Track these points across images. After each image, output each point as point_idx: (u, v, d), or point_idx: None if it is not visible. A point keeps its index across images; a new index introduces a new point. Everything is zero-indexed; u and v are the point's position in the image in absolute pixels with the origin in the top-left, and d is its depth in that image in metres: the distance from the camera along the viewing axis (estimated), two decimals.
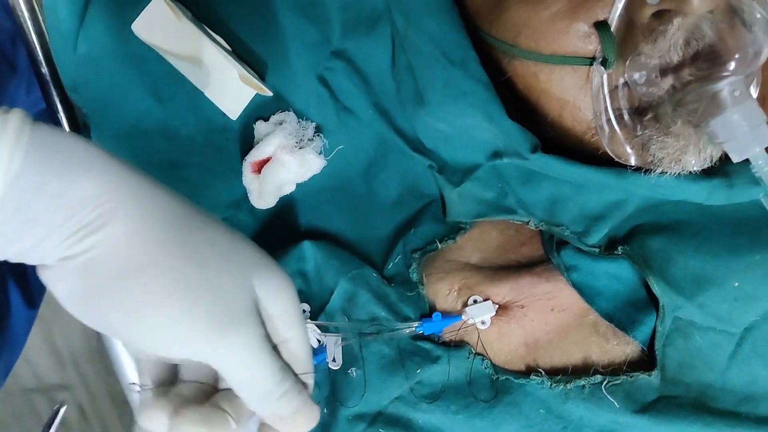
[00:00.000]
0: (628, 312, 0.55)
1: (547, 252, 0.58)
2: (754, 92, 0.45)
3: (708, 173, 0.47)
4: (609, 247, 0.55)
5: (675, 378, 0.53)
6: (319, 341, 0.57)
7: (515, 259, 0.60)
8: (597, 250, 0.55)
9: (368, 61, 0.58)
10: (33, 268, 0.98)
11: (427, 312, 0.58)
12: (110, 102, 0.58)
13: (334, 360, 0.56)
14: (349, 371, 0.57)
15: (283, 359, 0.39)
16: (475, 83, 0.49)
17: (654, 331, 0.54)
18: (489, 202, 0.57)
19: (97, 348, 1.72)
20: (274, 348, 0.39)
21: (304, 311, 0.60)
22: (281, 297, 0.38)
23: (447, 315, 0.58)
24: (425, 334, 0.57)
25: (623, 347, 0.55)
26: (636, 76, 0.43)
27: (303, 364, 0.40)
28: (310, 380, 0.41)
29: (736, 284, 0.50)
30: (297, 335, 0.40)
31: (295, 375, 0.40)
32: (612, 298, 0.55)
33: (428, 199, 0.64)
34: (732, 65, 0.40)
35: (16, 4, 0.65)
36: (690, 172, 0.47)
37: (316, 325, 0.57)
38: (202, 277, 0.35)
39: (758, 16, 0.41)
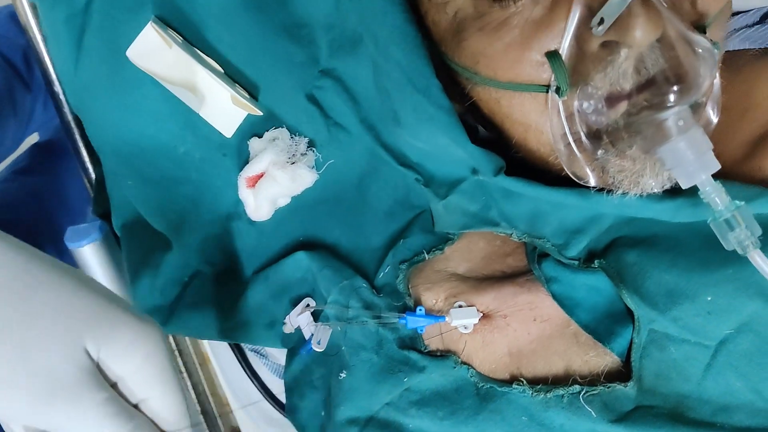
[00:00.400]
0: (606, 323, 0.56)
1: (529, 263, 0.60)
2: (713, 116, 0.46)
3: (674, 192, 0.48)
4: (588, 260, 0.56)
5: (652, 388, 0.54)
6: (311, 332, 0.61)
7: (500, 270, 0.62)
8: (576, 262, 0.56)
9: (355, 79, 0.60)
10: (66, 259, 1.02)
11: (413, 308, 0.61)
12: (109, 123, 0.61)
13: (319, 343, 0.59)
14: (341, 375, 0.60)
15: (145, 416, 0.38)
16: (438, 109, 0.51)
17: (631, 342, 0.55)
18: (474, 215, 0.59)
19: None
20: (137, 406, 0.38)
21: (308, 305, 0.63)
22: (129, 357, 0.36)
23: (430, 314, 0.60)
24: (408, 327, 0.59)
25: (602, 358, 0.56)
26: (584, 105, 0.45)
27: (169, 422, 0.39)
28: None
29: (709, 298, 0.50)
30: (159, 393, 0.38)
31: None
32: (591, 310, 0.57)
33: (418, 210, 0.66)
34: (672, 97, 0.41)
35: (28, 26, 0.68)
36: (655, 192, 0.48)
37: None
38: (21, 347, 0.33)
39: (699, 50, 0.41)
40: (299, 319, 0.63)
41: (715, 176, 0.55)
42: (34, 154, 1.14)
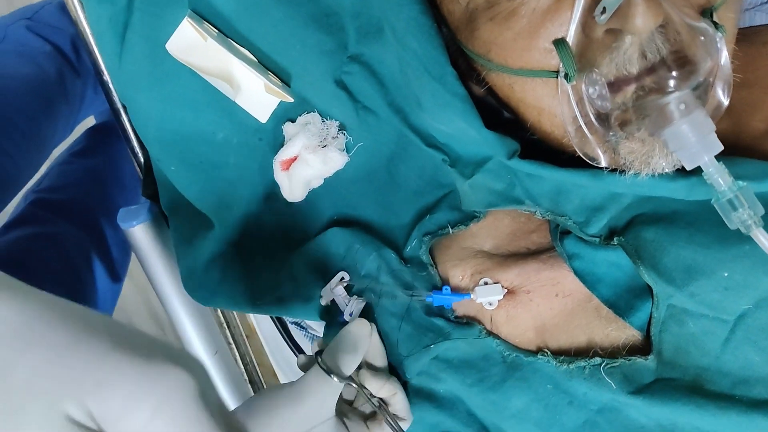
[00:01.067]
0: (626, 298, 0.57)
1: (552, 240, 0.62)
2: (724, 97, 0.47)
3: (689, 170, 0.49)
4: (608, 237, 0.57)
5: (672, 362, 0.55)
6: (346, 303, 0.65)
7: (525, 246, 0.64)
8: (597, 239, 0.58)
9: (382, 64, 0.62)
10: (116, 243, 1.10)
11: (440, 287, 0.64)
12: (151, 113, 0.65)
13: (351, 315, 0.63)
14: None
15: None
16: (453, 97, 0.53)
17: (651, 317, 0.56)
18: (499, 193, 0.61)
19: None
20: None
21: (342, 278, 0.66)
22: (132, 412, 0.29)
23: (457, 291, 0.63)
24: (435, 305, 0.62)
25: (623, 331, 0.57)
26: (592, 89, 0.46)
27: None
28: None
29: (726, 274, 0.51)
30: None
31: None
32: (612, 285, 0.58)
33: (447, 189, 0.68)
34: (672, 82, 0.42)
35: (78, 20, 0.73)
36: (666, 172, 0.49)
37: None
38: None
39: (699, 35, 0.42)
40: (334, 292, 0.66)
41: (736, 151, 0.56)
42: (90, 136, 1.20)
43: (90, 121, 1.26)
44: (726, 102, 0.47)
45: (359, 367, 0.60)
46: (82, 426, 0.28)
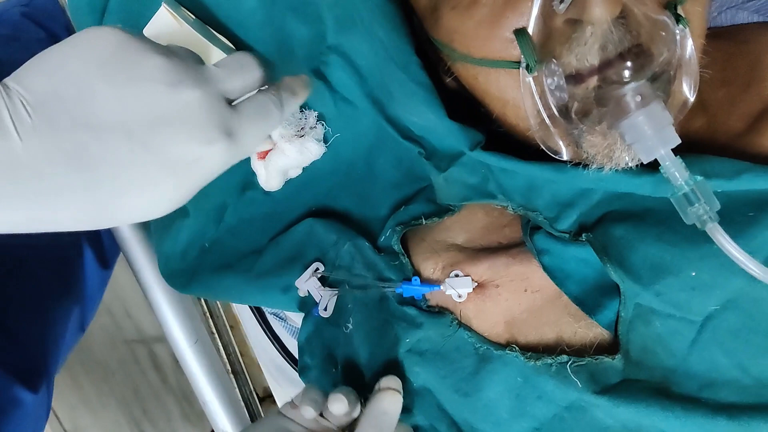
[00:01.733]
0: (594, 296, 0.57)
1: (523, 235, 0.61)
2: (690, 92, 0.46)
3: (655, 166, 0.49)
4: (578, 233, 0.57)
5: (639, 362, 0.54)
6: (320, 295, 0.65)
7: (497, 240, 0.63)
8: (567, 235, 0.57)
9: (360, 54, 0.62)
10: (107, 230, 1.09)
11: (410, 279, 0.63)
12: None
13: (325, 309, 0.63)
14: (347, 326, 0.64)
15: None
16: (417, 86, 0.52)
17: (618, 315, 0.55)
18: (473, 187, 0.60)
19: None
20: None
21: (316, 269, 0.66)
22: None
23: (426, 282, 0.63)
24: (405, 295, 0.62)
25: (592, 329, 0.57)
26: (551, 81, 0.45)
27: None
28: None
29: (693, 273, 0.50)
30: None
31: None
32: (581, 282, 0.57)
33: (425, 182, 0.68)
34: (626, 72, 0.42)
35: (65, 4, 0.73)
36: (630, 166, 0.48)
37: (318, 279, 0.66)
38: None
39: (658, 28, 0.41)
40: (308, 284, 0.66)
41: (712, 149, 0.55)
42: None
43: None
44: (692, 98, 0.47)
45: None
46: None
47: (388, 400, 0.55)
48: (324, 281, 0.67)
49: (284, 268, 0.69)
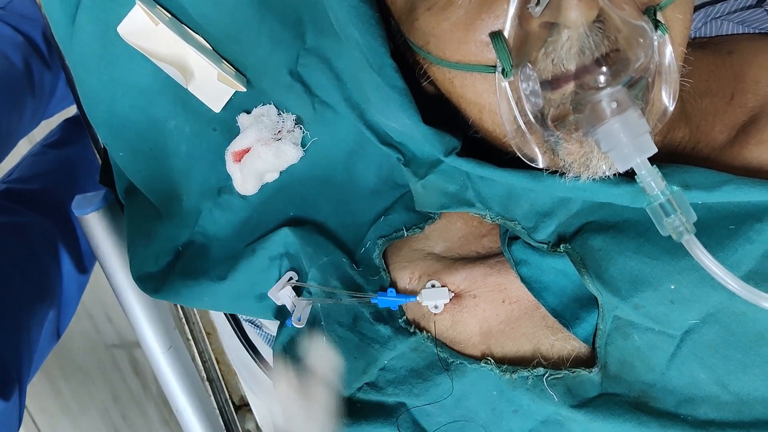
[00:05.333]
0: (572, 308, 0.56)
1: (501, 245, 0.60)
2: (669, 101, 0.45)
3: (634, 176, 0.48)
4: (556, 244, 0.55)
5: (617, 376, 0.53)
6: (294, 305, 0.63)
7: (475, 250, 0.62)
8: (545, 246, 0.56)
9: (339, 58, 0.61)
10: (83, 235, 1.07)
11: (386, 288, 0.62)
12: (101, 96, 0.63)
13: (299, 320, 0.61)
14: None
15: None
16: (391, 89, 0.51)
17: (596, 328, 0.54)
18: (452, 195, 0.59)
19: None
20: None
21: (290, 279, 0.65)
22: None
23: (403, 293, 0.61)
24: (380, 306, 0.60)
25: (569, 342, 0.55)
26: (526, 86, 0.44)
27: None
28: None
29: (673, 287, 0.49)
30: None
31: None
32: (558, 294, 0.56)
33: (404, 189, 0.67)
34: (602, 78, 0.40)
35: (40, 3, 0.72)
36: (608, 176, 0.47)
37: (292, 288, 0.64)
38: None
39: (639, 37, 0.41)
40: (282, 293, 0.64)
41: (694, 160, 0.54)
42: (64, 127, 1.19)
43: (66, 113, 1.25)
44: (672, 106, 0.46)
45: None
46: None
47: None
48: (299, 291, 0.65)
49: (259, 276, 0.67)
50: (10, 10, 1.01)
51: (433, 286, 0.60)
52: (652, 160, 0.43)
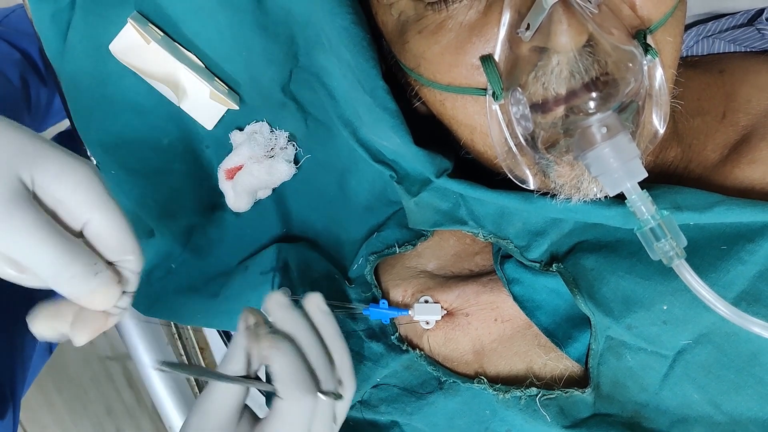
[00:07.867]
0: (564, 328, 0.55)
1: (494, 263, 0.60)
2: (660, 124, 0.45)
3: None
4: (549, 263, 0.55)
5: (610, 396, 0.53)
6: None
7: (468, 268, 0.62)
8: (537, 265, 0.56)
9: (331, 76, 0.61)
10: None
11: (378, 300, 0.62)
12: (94, 115, 0.63)
13: None
14: None
15: (87, 242, 0.39)
16: (383, 111, 0.51)
17: (589, 348, 0.54)
18: (444, 212, 0.59)
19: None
20: (79, 234, 0.39)
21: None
22: (63, 181, 0.37)
23: (395, 306, 0.61)
24: (372, 318, 0.60)
25: (562, 361, 0.55)
26: (517, 109, 0.44)
27: (112, 247, 0.39)
28: (133, 261, 0.41)
29: (665, 307, 0.49)
30: (99, 216, 0.38)
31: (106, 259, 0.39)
32: (551, 313, 0.56)
33: (397, 206, 0.67)
34: (592, 104, 0.40)
35: (32, 20, 0.71)
36: (599, 198, 0.47)
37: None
38: None
39: (629, 61, 0.41)
40: None
41: (686, 180, 0.54)
42: (57, 141, 1.18)
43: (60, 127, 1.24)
44: (662, 129, 0.46)
45: None
46: (25, 187, 0.36)
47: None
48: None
49: (252, 293, 0.67)
50: (6, 25, 1.00)
51: (426, 301, 0.59)
52: (644, 180, 0.43)
